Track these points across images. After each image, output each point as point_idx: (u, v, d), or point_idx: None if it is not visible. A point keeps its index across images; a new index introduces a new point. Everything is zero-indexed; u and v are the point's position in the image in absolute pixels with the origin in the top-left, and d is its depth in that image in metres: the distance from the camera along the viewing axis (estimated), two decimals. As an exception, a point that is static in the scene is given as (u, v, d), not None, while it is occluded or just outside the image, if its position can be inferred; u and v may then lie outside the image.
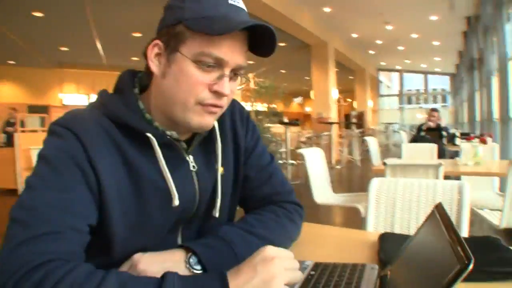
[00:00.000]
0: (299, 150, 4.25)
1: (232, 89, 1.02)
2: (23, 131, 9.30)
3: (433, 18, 13.03)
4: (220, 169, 1.15)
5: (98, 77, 18.26)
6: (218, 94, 0.98)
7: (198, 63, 0.95)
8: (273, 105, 8.38)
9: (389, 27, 14.16)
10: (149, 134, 0.98)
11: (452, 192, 1.68)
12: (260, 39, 1.01)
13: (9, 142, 9.46)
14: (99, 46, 12.48)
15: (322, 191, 4.08)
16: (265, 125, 8.08)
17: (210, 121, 1.03)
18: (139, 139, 0.99)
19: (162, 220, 1.04)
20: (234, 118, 1.24)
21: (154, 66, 1.01)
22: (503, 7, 8.05)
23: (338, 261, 1.03)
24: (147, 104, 1.06)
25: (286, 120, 9.84)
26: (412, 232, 1.58)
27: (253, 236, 1.08)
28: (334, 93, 15.39)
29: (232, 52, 0.96)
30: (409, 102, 30.71)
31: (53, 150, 0.91)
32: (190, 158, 1.10)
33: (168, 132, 1.04)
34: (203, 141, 1.13)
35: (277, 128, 10.86)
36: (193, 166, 1.10)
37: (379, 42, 16.86)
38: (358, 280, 0.91)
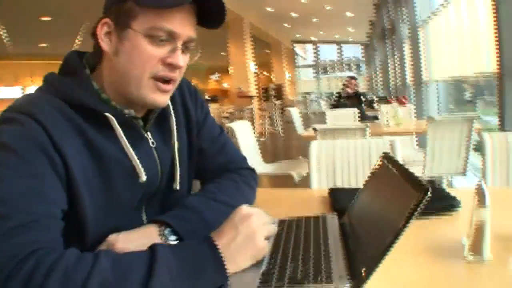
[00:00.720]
0: (228, 124, 4.32)
1: (185, 62, 1.03)
2: None
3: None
4: (176, 144, 1.18)
5: (4, 67, 17.16)
6: (172, 67, 0.99)
7: (150, 38, 0.96)
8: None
9: (304, 0, 14.39)
10: (108, 114, 0.98)
11: (384, 148, 1.83)
12: (208, 12, 1.03)
13: None
14: (2, 33, 11.68)
15: (254, 162, 4.20)
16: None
17: (165, 99, 1.05)
18: (98, 119, 0.98)
19: (129, 198, 1.05)
20: (184, 94, 1.27)
21: (105, 44, 1.00)
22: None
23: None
24: (100, 84, 1.05)
25: (207, 97, 9.84)
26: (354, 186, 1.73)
27: (217, 203, 1.14)
28: (252, 67, 15.51)
29: (183, 25, 0.98)
30: (325, 72, 31.53)
31: (14, 138, 0.87)
32: (149, 135, 1.12)
33: (126, 111, 1.05)
34: (157, 118, 1.15)
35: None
36: (152, 142, 1.12)
37: (294, 15, 17.09)
38: (323, 227, 1.01)
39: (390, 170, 0.92)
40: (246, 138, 4.29)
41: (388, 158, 0.98)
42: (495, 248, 0.85)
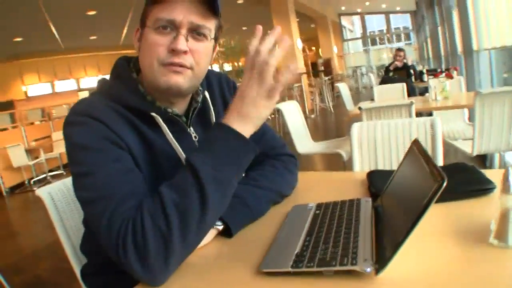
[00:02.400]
0: (276, 105, 4.39)
1: (197, 49, 1.10)
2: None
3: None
4: None
5: (59, 62, 17.83)
6: (175, 52, 1.07)
7: (156, 29, 1.07)
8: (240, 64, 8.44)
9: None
10: (153, 114, 1.12)
11: (425, 127, 1.85)
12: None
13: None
14: (53, 30, 12.17)
15: (303, 141, 4.26)
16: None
17: (178, 79, 1.10)
18: (146, 117, 1.12)
19: None
20: (222, 87, 1.39)
21: (136, 47, 1.16)
22: None
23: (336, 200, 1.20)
24: (145, 86, 1.17)
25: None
26: (395, 167, 1.77)
27: (260, 189, 1.25)
28: (299, 43, 15.40)
29: (183, 13, 1.06)
30: (374, 43, 30.86)
31: (83, 137, 1.02)
32: (191, 129, 1.25)
33: (169, 110, 1.17)
34: (199, 113, 1.27)
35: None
36: (195, 136, 1.24)
37: (336, -14, 16.80)
38: (357, 211, 1.08)
39: (417, 156, 0.96)
40: (294, 117, 4.35)
41: (417, 145, 1.03)
42: None
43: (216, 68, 8.79)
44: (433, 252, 0.87)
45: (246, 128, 1.00)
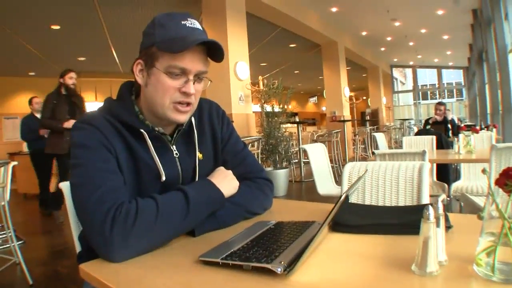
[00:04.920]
0: (302, 146, 4.53)
1: (198, 89, 1.37)
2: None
3: (440, 12, 13.11)
4: (199, 155, 1.50)
5: (115, 84, 18.60)
6: (186, 94, 1.33)
7: (168, 73, 1.30)
8: (285, 106, 8.59)
9: (397, 24, 14.28)
10: (142, 130, 1.35)
11: (413, 171, 1.94)
12: (214, 50, 1.34)
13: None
14: (114, 54, 12.95)
15: (325, 183, 4.34)
16: (278, 125, 8.35)
17: (183, 116, 1.38)
18: (136, 133, 1.36)
19: (151, 191, 1.34)
20: (211, 115, 1.62)
21: (139, 79, 1.39)
22: (501, 0, 8.21)
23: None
24: (140, 107, 1.43)
25: (297, 119, 10.08)
26: (381, 204, 1.94)
27: (231, 204, 1.42)
28: (346, 91, 15.55)
29: (192, 62, 1.30)
30: (425, 97, 30.61)
31: (84, 139, 1.27)
32: (174, 148, 1.46)
33: (156, 128, 1.41)
34: (184, 134, 1.50)
35: (293, 129, 11.11)
36: (176, 153, 1.46)
37: (388, 38, 16.93)
38: (303, 229, 1.21)
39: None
40: (320, 160, 4.46)
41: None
42: (453, 265, 0.93)
43: (257, 108, 9.02)
44: (355, 270, 0.95)
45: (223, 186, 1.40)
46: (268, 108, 8.33)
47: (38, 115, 7.01)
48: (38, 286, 3.66)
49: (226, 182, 1.42)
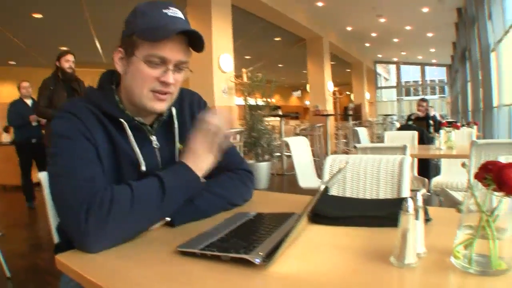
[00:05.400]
0: (284, 138, 4.54)
1: (178, 79, 1.35)
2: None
3: (425, 10, 13.21)
4: (179, 146, 1.48)
5: (98, 74, 18.36)
6: (165, 84, 1.31)
7: (148, 62, 1.28)
8: (268, 99, 8.58)
9: (382, 20, 14.36)
10: (122, 120, 1.33)
11: (394, 165, 1.95)
12: (195, 39, 1.32)
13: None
14: (97, 44, 12.79)
15: (307, 176, 4.35)
16: (261, 118, 8.35)
17: (162, 106, 1.36)
18: (116, 122, 1.34)
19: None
20: (193, 105, 1.60)
21: (119, 67, 1.37)
22: (485, 0, 8.30)
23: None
24: (120, 96, 1.40)
25: (280, 113, 10.09)
26: (361, 197, 1.94)
27: (210, 194, 1.41)
28: (330, 86, 15.60)
29: (172, 52, 1.28)
30: (408, 94, 30.83)
31: (64, 128, 1.25)
32: (153, 138, 1.44)
33: (136, 118, 1.39)
34: (165, 125, 1.48)
35: (276, 122, 11.14)
36: (156, 144, 1.44)
37: (373, 34, 17.03)
38: (283, 221, 1.20)
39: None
40: (302, 153, 4.47)
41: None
42: (431, 257, 0.94)
43: (240, 101, 9.01)
44: (334, 261, 0.95)
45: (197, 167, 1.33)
46: (252, 101, 8.31)
47: (28, 101, 6.80)
48: (16, 279, 3.62)
49: (201, 160, 1.34)
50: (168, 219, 1.28)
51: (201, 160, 1.34)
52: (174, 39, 1.28)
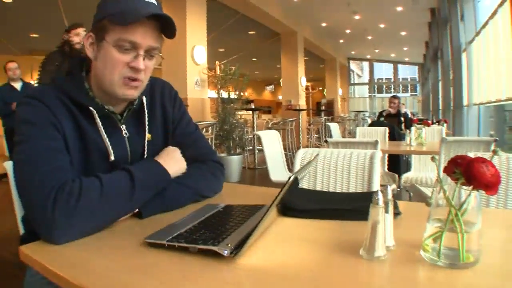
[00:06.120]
0: (256, 132, 4.53)
1: (149, 66, 1.32)
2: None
3: (399, 9, 13.35)
4: (148, 136, 1.46)
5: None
6: (135, 69, 1.27)
7: (118, 47, 1.24)
8: (241, 93, 8.56)
9: (357, 17, 14.45)
10: (91, 108, 1.29)
11: (365, 159, 1.96)
12: (167, 25, 1.29)
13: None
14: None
15: (278, 170, 4.35)
16: (233, 111, 8.32)
17: (133, 93, 1.33)
18: (85, 110, 1.30)
19: (99, 171, 1.28)
20: (164, 95, 1.57)
21: (89, 52, 1.32)
22: (457, 1, 8.45)
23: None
24: (90, 84, 1.36)
25: (253, 106, 10.08)
26: (332, 190, 1.93)
27: (179, 185, 1.39)
28: (303, 81, 15.66)
29: (143, 37, 1.25)
30: (380, 91, 31.21)
31: (30, 114, 1.21)
32: (123, 127, 1.41)
33: (106, 106, 1.35)
34: (135, 114, 1.45)
35: (249, 116, 11.12)
36: (125, 133, 1.41)
37: (347, 31, 17.14)
38: (252, 213, 1.20)
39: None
40: (273, 147, 4.46)
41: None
42: (400, 250, 0.94)
43: (212, 94, 8.98)
44: (303, 254, 0.95)
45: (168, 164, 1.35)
46: (224, 94, 8.28)
47: (16, 84, 6.23)
48: (-19, 273, 3.51)
49: (173, 162, 1.38)
50: (136, 210, 1.25)
51: (174, 161, 1.39)
52: (145, 24, 1.24)
